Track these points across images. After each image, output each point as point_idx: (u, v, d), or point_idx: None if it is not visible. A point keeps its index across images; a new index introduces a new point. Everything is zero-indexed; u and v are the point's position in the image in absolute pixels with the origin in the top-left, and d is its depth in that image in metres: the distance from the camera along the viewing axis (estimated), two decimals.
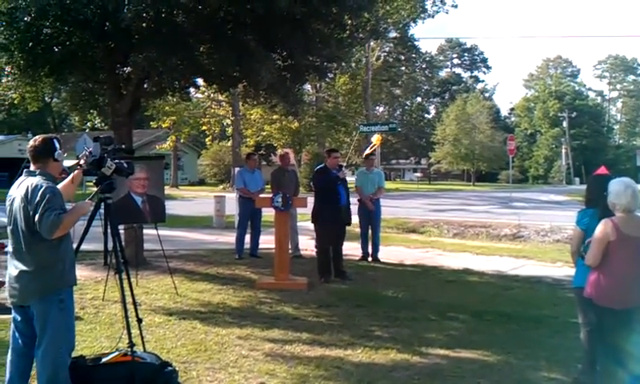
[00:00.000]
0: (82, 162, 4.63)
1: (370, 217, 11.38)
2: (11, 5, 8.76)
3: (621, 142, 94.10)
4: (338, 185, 9.42)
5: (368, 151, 12.35)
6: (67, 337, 4.09)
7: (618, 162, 67.97)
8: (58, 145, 4.13)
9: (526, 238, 15.88)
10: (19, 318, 4.10)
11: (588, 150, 77.63)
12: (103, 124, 23.05)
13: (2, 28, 9.07)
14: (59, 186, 4.17)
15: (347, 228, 9.97)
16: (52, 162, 4.10)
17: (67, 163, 4.94)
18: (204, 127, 41.98)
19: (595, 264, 4.47)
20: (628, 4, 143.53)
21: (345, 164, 10.96)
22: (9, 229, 4.09)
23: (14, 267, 4.02)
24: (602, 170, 5.63)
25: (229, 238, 13.11)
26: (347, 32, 10.76)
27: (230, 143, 44.03)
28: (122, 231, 8.80)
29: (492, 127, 68.45)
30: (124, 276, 5.01)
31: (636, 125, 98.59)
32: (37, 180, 3.95)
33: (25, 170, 4.11)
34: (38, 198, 3.84)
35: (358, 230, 11.62)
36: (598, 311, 4.59)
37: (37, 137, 4.20)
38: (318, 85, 40.71)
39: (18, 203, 3.96)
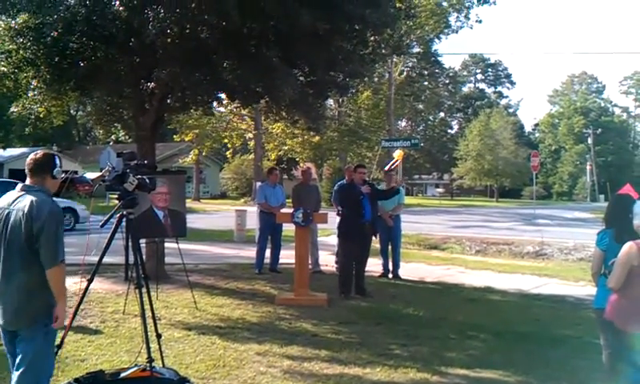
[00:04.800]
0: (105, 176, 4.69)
1: (390, 233, 11.33)
2: (38, 20, 8.89)
3: None
4: (363, 199, 9.43)
5: (389, 167, 12.29)
6: (47, 363, 3.90)
7: None
8: (58, 162, 3.97)
9: (549, 255, 15.71)
10: (7, 339, 3.88)
11: (613, 166, 76.70)
12: (127, 137, 23.30)
13: (29, 43, 9.20)
14: None
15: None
16: (50, 178, 3.90)
17: (91, 175, 5.03)
18: (226, 140, 42.24)
19: (617, 287, 4.38)
20: None
21: (369, 179, 10.96)
22: None
23: (4, 288, 3.77)
24: (627, 189, 5.55)
25: (249, 253, 13.13)
26: (370, 48, 10.79)
27: (251, 157, 44.23)
28: (143, 245, 8.87)
29: (516, 143, 67.88)
30: (144, 291, 5.06)
31: None
32: (41, 197, 3.78)
33: (21, 185, 3.89)
34: (45, 216, 3.68)
35: (378, 245, 11.57)
36: (617, 334, 4.50)
37: (38, 151, 4.01)
38: (340, 99, 40.77)
39: (18, 218, 3.72)
